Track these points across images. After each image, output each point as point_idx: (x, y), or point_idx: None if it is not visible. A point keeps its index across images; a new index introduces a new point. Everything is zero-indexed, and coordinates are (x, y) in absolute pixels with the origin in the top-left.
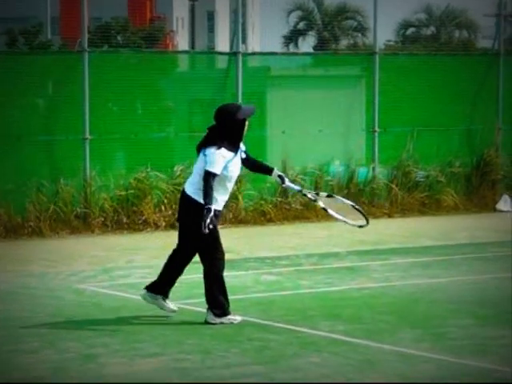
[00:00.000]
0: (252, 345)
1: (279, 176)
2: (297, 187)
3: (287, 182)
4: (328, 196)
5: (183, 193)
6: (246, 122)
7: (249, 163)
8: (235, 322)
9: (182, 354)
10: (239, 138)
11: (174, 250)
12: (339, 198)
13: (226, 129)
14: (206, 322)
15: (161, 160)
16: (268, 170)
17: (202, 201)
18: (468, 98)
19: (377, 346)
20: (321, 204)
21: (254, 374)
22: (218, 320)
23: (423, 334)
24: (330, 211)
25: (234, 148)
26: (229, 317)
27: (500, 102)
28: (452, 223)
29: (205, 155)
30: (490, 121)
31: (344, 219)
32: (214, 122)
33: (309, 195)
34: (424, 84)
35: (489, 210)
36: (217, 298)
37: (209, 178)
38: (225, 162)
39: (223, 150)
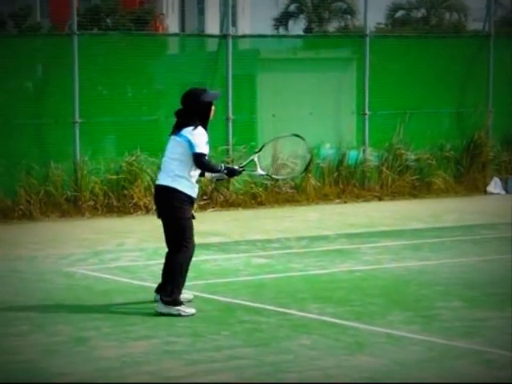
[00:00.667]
0: (243, 327)
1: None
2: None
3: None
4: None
5: (159, 187)
6: (213, 107)
7: None
8: (184, 314)
9: (173, 337)
10: (207, 121)
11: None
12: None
13: (194, 111)
14: (156, 312)
15: (151, 143)
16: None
17: (179, 187)
18: (458, 81)
19: (367, 328)
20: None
21: (245, 357)
22: (165, 310)
23: (413, 316)
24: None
25: (205, 130)
26: (178, 307)
27: (490, 85)
28: (442, 206)
29: (182, 138)
30: (480, 103)
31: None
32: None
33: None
34: (414, 66)
35: (479, 192)
36: (173, 287)
37: (202, 159)
38: (205, 141)
39: (201, 129)
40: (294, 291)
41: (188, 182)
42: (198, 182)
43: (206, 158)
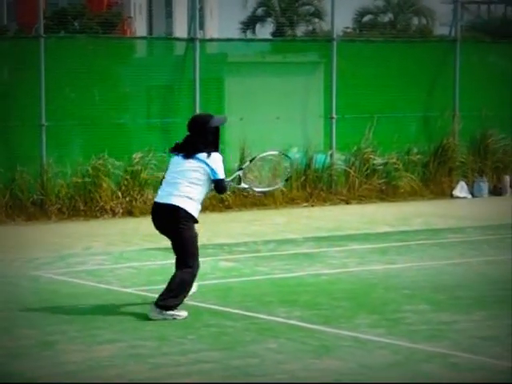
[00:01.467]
0: (209, 331)
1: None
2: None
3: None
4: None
5: (167, 206)
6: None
7: None
8: (179, 318)
9: (139, 341)
10: (217, 145)
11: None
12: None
13: (204, 137)
14: (148, 317)
15: (118, 147)
16: None
17: (189, 210)
18: (425, 85)
19: (333, 332)
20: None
21: (210, 360)
22: (160, 316)
23: (379, 320)
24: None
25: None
26: (172, 312)
27: (457, 89)
28: (409, 209)
29: (203, 163)
30: (447, 108)
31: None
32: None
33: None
34: (381, 71)
35: (445, 196)
36: (176, 303)
37: (223, 184)
38: (222, 165)
39: (218, 154)
40: (261, 295)
41: (197, 206)
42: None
43: (224, 183)
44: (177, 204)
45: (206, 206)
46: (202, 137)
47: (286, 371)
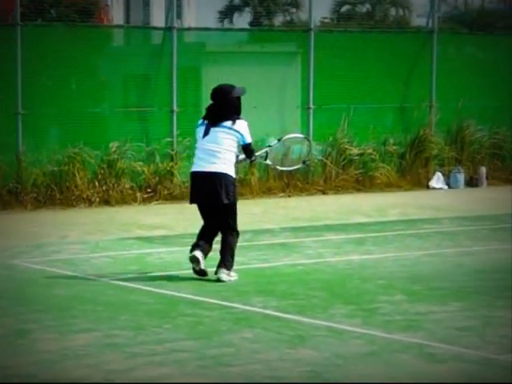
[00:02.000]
0: (185, 320)
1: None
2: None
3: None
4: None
5: (215, 174)
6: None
7: None
8: (233, 279)
9: (115, 330)
10: (239, 113)
11: (203, 227)
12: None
13: (228, 106)
14: (219, 280)
15: (95, 136)
16: None
17: (233, 174)
18: (402, 76)
19: (309, 322)
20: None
21: (186, 350)
22: (227, 278)
23: (355, 310)
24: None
25: None
26: (234, 273)
27: (433, 80)
28: (386, 200)
29: (232, 131)
30: (423, 99)
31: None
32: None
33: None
34: (359, 61)
35: (422, 187)
36: (232, 259)
37: (251, 148)
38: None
39: (243, 121)
40: (237, 285)
41: (233, 169)
42: None
43: (251, 146)
44: (223, 171)
45: (182, 196)
46: (225, 106)
47: (261, 361)
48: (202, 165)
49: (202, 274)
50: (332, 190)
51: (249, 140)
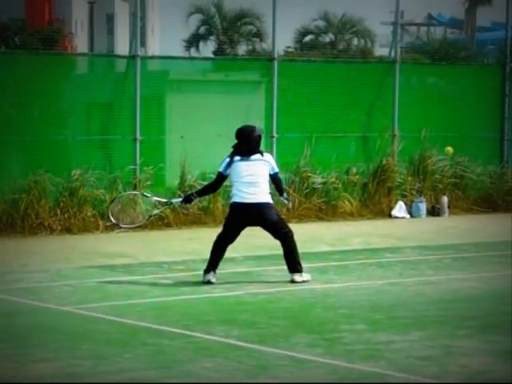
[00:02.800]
0: (146, 350)
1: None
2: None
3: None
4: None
5: (263, 204)
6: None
7: None
8: (306, 279)
9: (75, 360)
10: (260, 149)
11: (219, 236)
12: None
13: (253, 142)
14: (292, 281)
15: (57, 163)
16: None
17: (271, 201)
18: (365, 105)
19: (271, 351)
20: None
21: (146, 379)
22: (301, 279)
23: (317, 339)
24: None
25: None
26: (306, 273)
27: (396, 110)
28: (348, 229)
29: (266, 162)
30: (386, 128)
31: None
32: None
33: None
34: (322, 90)
35: (384, 216)
36: (298, 260)
37: (279, 176)
38: None
39: (269, 154)
40: (200, 313)
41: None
42: None
43: (279, 175)
44: (266, 201)
45: (146, 224)
46: (250, 143)
47: None
48: (244, 196)
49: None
50: (295, 219)
51: (277, 169)
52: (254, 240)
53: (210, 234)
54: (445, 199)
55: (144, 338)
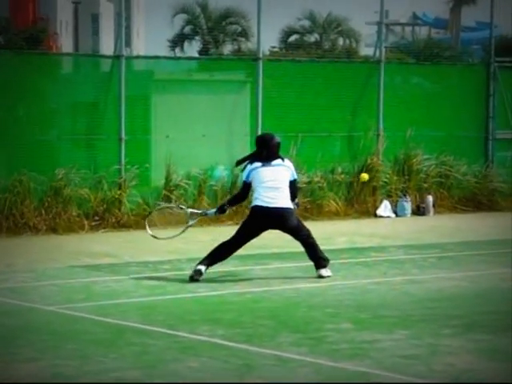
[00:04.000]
0: (131, 350)
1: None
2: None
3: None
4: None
5: (285, 209)
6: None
7: None
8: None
9: (60, 360)
10: (279, 156)
11: (230, 242)
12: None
13: (273, 149)
14: (320, 277)
15: (43, 163)
16: None
17: (291, 206)
18: (350, 105)
19: (256, 351)
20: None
21: (131, 379)
22: (327, 273)
23: (302, 338)
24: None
25: None
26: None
27: (381, 109)
28: (333, 228)
29: (287, 168)
30: (371, 127)
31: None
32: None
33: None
34: (307, 90)
35: (369, 215)
36: (322, 256)
37: (297, 183)
38: None
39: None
40: (185, 313)
41: None
42: None
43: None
44: (287, 206)
45: (131, 224)
46: (270, 149)
47: None
48: (266, 200)
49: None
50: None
51: (296, 176)
52: None
53: (195, 233)
54: (430, 198)
55: (129, 338)
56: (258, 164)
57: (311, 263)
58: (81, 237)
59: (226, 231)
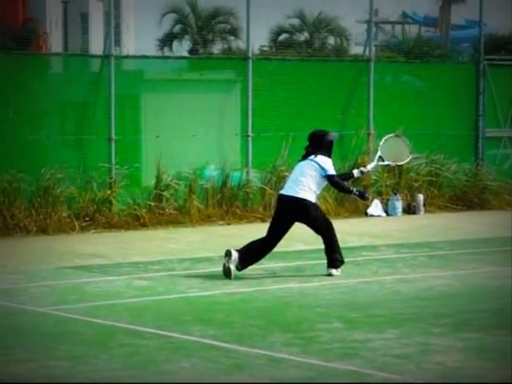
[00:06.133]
0: (122, 350)
1: (361, 172)
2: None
3: (369, 168)
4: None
5: (295, 198)
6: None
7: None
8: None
9: (52, 361)
10: (329, 155)
11: (263, 239)
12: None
13: (319, 147)
14: (329, 275)
15: (32, 163)
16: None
17: (309, 198)
18: (340, 104)
19: (247, 351)
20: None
21: (123, 380)
22: (337, 273)
23: (293, 338)
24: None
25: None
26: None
27: (371, 108)
28: None
29: (316, 163)
30: (361, 126)
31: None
32: None
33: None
34: (297, 89)
35: (360, 214)
36: (336, 254)
37: (334, 178)
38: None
39: (324, 157)
40: (176, 313)
41: (313, 194)
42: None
43: (336, 178)
44: (301, 196)
45: (121, 224)
46: (318, 147)
47: None
48: (287, 190)
49: (227, 272)
50: (271, 218)
51: (330, 171)
52: (230, 240)
53: (187, 234)
54: (420, 197)
55: (120, 339)
56: (300, 159)
57: (302, 262)
58: (71, 237)
59: (217, 230)
